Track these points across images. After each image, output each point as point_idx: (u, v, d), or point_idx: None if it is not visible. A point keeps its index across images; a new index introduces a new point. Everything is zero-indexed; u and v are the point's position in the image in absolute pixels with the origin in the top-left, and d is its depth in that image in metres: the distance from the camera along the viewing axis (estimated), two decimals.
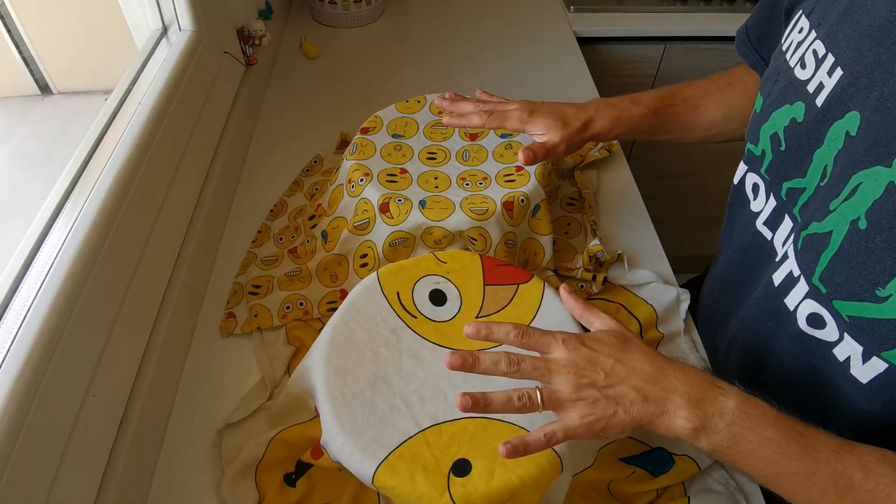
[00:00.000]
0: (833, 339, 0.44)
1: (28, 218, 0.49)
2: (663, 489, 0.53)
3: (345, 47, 1.12)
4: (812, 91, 0.45)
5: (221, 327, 0.64)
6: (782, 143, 0.49)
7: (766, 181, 0.52)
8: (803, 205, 0.47)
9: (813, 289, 0.44)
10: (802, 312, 0.46)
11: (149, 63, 0.69)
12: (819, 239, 0.43)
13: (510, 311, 0.53)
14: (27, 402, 0.38)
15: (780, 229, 0.50)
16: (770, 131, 0.50)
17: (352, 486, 0.49)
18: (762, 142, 0.52)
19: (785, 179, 0.49)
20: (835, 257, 0.41)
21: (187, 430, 0.56)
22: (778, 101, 0.49)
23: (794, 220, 0.48)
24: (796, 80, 0.48)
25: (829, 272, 0.42)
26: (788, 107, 0.48)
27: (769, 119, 0.50)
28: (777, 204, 0.51)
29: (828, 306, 0.43)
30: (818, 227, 0.43)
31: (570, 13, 1.22)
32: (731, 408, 0.39)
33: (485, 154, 0.72)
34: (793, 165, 0.48)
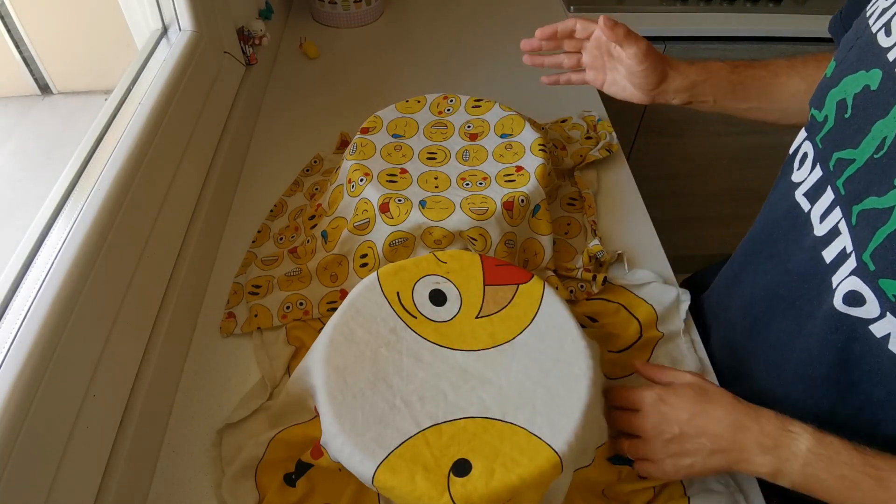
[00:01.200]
0: (872, 317, 0.43)
1: (28, 218, 0.49)
2: (661, 488, 0.53)
3: (345, 47, 1.12)
4: (893, 59, 0.43)
5: (221, 327, 0.64)
6: (848, 109, 0.46)
7: (818, 150, 0.50)
8: (849, 177, 0.45)
9: (861, 265, 0.43)
10: (842, 290, 0.45)
11: (149, 63, 0.69)
12: (877, 214, 0.41)
13: (510, 312, 0.53)
14: (27, 402, 0.38)
15: (821, 201, 0.49)
16: (838, 97, 0.48)
17: (352, 486, 0.49)
18: (826, 107, 0.49)
19: (837, 149, 0.47)
20: (892, 234, 0.40)
21: (187, 430, 0.56)
22: (852, 66, 0.46)
23: (837, 193, 0.46)
24: (877, 46, 0.44)
25: (882, 249, 0.41)
26: (864, 73, 0.45)
27: (839, 84, 0.48)
28: (823, 174, 0.49)
29: (872, 284, 0.42)
30: (877, 203, 0.42)
31: (569, 13, 1.22)
32: (804, 451, 0.43)
33: (485, 154, 0.72)
34: (850, 135, 0.46)
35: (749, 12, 1.24)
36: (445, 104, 0.78)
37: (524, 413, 0.46)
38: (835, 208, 0.47)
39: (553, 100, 0.98)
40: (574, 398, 0.47)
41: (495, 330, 0.52)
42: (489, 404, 0.47)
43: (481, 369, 0.49)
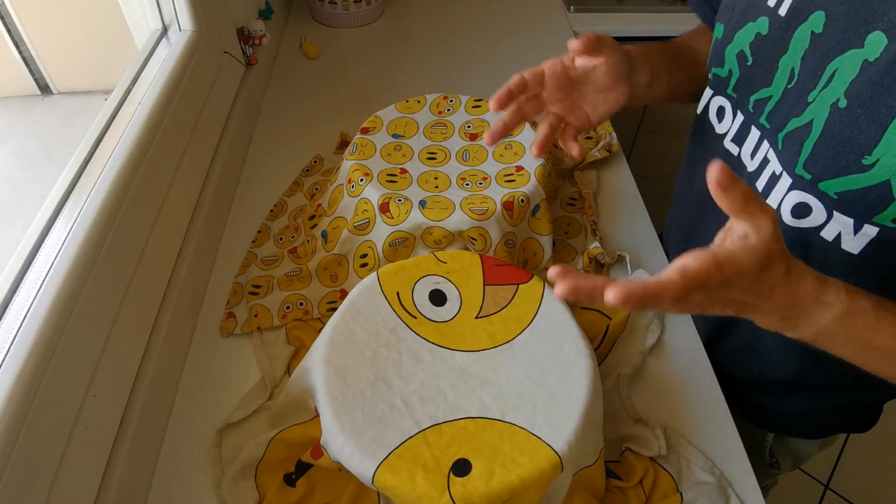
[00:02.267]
0: (820, 223, 0.47)
1: (28, 218, 0.49)
2: (653, 486, 0.53)
3: (345, 47, 1.12)
4: (773, 5, 0.50)
5: (221, 327, 0.64)
6: (748, 58, 0.53)
7: (733, 100, 0.56)
8: (770, 111, 0.51)
9: (797, 179, 0.48)
10: (787, 205, 0.49)
11: (149, 63, 0.69)
12: (800, 131, 0.47)
13: (510, 311, 0.53)
14: (27, 402, 0.38)
15: (747, 142, 0.54)
16: (735, 50, 0.54)
17: (352, 486, 0.49)
18: (728, 62, 0.55)
19: (752, 93, 0.53)
20: (818, 141, 0.45)
21: (187, 430, 0.56)
22: (740, 22, 0.53)
23: (762, 129, 0.52)
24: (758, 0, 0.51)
25: (813, 157, 0.46)
26: (752, 24, 0.52)
27: (733, 40, 0.54)
28: (744, 118, 0.55)
29: (814, 191, 0.46)
30: (797, 122, 0.47)
31: (570, 13, 1.22)
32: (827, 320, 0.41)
33: (485, 154, 0.72)
34: (760, 77, 0.52)
35: None
36: (445, 104, 0.78)
37: (524, 413, 0.46)
38: (763, 142, 0.52)
39: None
40: (574, 398, 0.47)
41: (495, 330, 0.52)
42: (489, 404, 0.47)
43: (481, 369, 0.49)
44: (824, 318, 0.41)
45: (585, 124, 0.63)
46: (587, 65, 0.59)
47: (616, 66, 0.59)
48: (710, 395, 0.61)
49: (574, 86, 0.62)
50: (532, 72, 0.59)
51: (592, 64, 0.59)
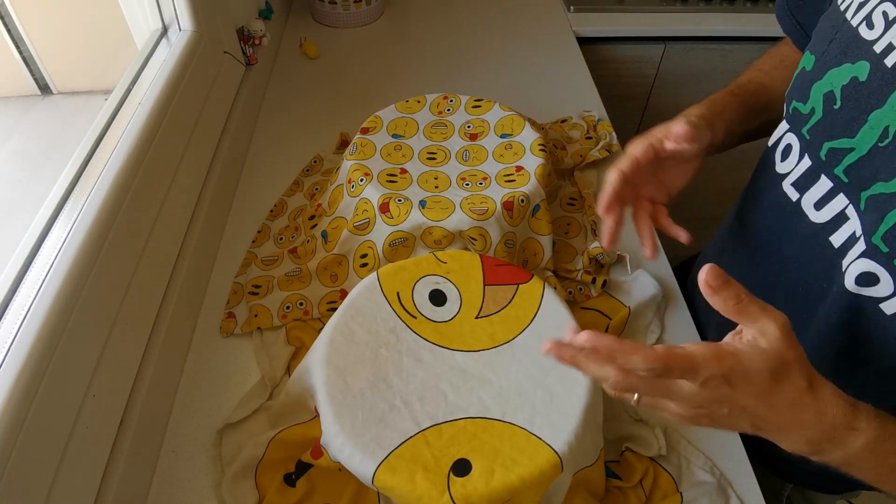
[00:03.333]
0: (885, 295, 0.44)
1: (28, 218, 0.49)
2: (653, 486, 0.53)
3: (345, 47, 1.12)
4: (880, 51, 0.44)
5: (221, 327, 0.64)
6: (837, 101, 0.48)
7: (805, 141, 0.52)
8: (851, 164, 0.47)
9: (871, 247, 0.44)
10: (853, 272, 0.46)
11: (149, 63, 0.69)
12: (886, 198, 0.43)
13: (510, 312, 0.53)
14: (27, 402, 0.38)
15: (813, 190, 0.50)
16: (825, 89, 0.49)
17: (352, 486, 0.49)
18: (812, 100, 0.50)
19: (829, 139, 0.48)
20: None
21: (187, 430, 0.56)
22: (837, 59, 0.48)
23: (836, 181, 0.48)
24: (861, 39, 0.46)
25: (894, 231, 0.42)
26: (850, 65, 0.47)
27: (824, 77, 0.49)
28: (812, 164, 0.50)
29: (887, 266, 0.43)
30: (884, 188, 0.43)
31: (570, 13, 1.22)
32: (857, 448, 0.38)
33: (485, 154, 0.72)
34: (843, 125, 0.47)
35: (749, 12, 1.24)
36: (445, 104, 0.78)
37: (524, 413, 0.46)
38: (837, 195, 0.48)
39: (553, 100, 0.99)
40: (574, 398, 0.47)
41: (495, 330, 0.52)
42: (489, 404, 0.47)
43: (481, 369, 0.49)
44: (854, 446, 0.38)
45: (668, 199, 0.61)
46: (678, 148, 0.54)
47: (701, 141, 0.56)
48: None
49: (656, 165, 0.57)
50: (629, 164, 0.54)
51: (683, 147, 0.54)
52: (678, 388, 0.37)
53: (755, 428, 0.39)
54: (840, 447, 0.39)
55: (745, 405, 0.37)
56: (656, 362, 0.35)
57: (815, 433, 0.39)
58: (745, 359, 0.37)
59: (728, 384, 0.37)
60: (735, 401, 0.37)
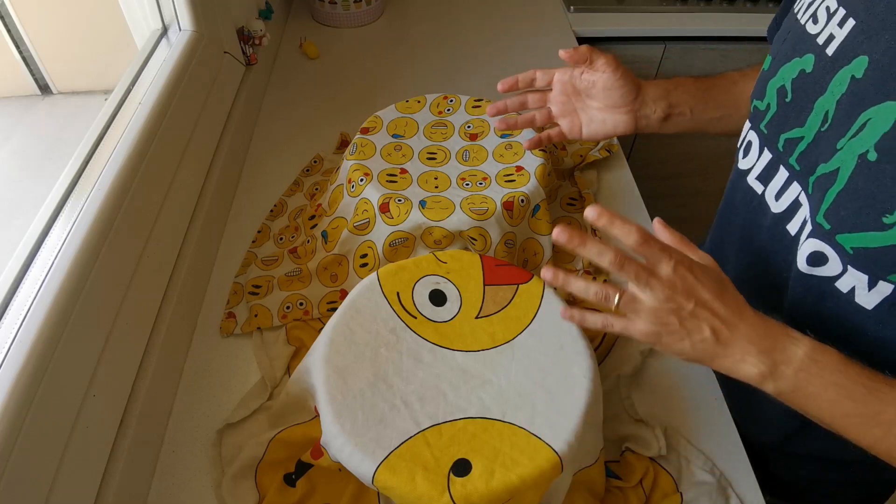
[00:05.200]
0: (835, 273, 0.46)
1: (28, 218, 0.49)
2: (653, 486, 0.53)
3: (345, 47, 1.12)
4: (822, 42, 0.47)
5: (221, 327, 0.64)
6: (788, 94, 0.50)
7: (763, 136, 0.54)
8: (801, 153, 0.49)
9: (816, 227, 0.46)
10: (803, 253, 0.48)
11: (149, 63, 0.69)
12: (826, 178, 0.45)
13: (510, 312, 0.53)
14: (27, 402, 0.38)
15: (774, 181, 0.52)
16: (777, 84, 0.52)
17: (352, 486, 0.49)
18: (768, 96, 0.53)
19: (783, 131, 0.51)
20: (842, 192, 0.43)
21: (187, 430, 0.56)
22: (787, 55, 0.51)
23: (791, 170, 0.50)
24: (806, 34, 0.49)
25: (834, 207, 0.44)
26: (798, 59, 0.49)
27: (777, 73, 0.52)
28: (772, 157, 0.53)
29: (831, 241, 0.45)
30: (824, 168, 0.45)
31: (570, 13, 1.22)
32: (800, 356, 0.41)
33: (485, 154, 0.72)
34: (794, 116, 0.49)
35: (749, 12, 1.24)
36: (445, 104, 0.78)
37: (524, 413, 0.46)
38: (791, 183, 0.50)
39: None
40: (574, 398, 0.47)
41: (495, 330, 0.52)
42: (489, 404, 0.47)
43: (481, 370, 0.49)
44: (797, 354, 0.41)
45: (574, 133, 0.66)
46: (589, 79, 0.61)
47: (613, 87, 0.61)
48: (710, 395, 0.61)
49: (578, 96, 0.64)
50: (543, 70, 0.63)
51: (592, 79, 0.61)
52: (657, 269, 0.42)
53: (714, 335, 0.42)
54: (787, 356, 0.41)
55: (706, 299, 0.42)
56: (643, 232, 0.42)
57: (764, 341, 0.42)
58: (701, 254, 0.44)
59: (691, 272, 0.42)
60: (698, 293, 0.42)
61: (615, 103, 0.62)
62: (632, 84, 0.62)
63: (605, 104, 0.63)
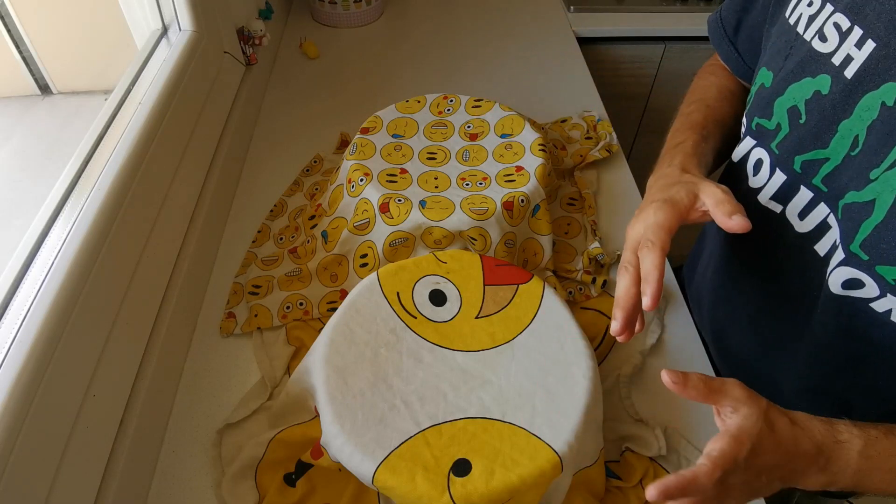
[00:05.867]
0: (873, 296, 0.45)
1: (28, 218, 0.49)
2: None
3: (345, 47, 1.12)
4: (838, 64, 0.46)
5: (221, 327, 0.64)
6: (802, 115, 0.49)
7: (775, 155, 0.52)
8: (828, 174, 0.47)
9: (850, 255, 0.45)
10: (836, 279, 0.47)
11: (149, 63, 0.69)
12: (859, 208, 0.44)
13: (510, 312, 0.53)
14: (27, 402, 0.38)
15: (795, 201, 0.51)
16: (787, 105, 0.50)
17: (352, 486, 0.49)
18: (777, 115, 0.51)
19: (800, 152, 0.49)
20: (881, 225, 0.42)
21: (187, 430, 0.56)
22: (795, 74, 0.49)
23: (816, 191, 0.49)
24: (816, 53, 0.48)
25: (872, 240, 0.43)
26: (810, 80, 0.48)
27: (785, 92, 0.50)
28: (788, 177, 0.51)
29: (869, 272, 0.44)
30: (857, 197, 0.44)
31: (570, 13, 1.22)
32: (854, 459, 0.42)
33: (485, 154, 0.72)
34: (813, 138, 0.48)
35: None
36: (445, 104, 0.78)
37: (524, 413, 0.46)
38: (818, 204, 0.49)
39: (553, 100, 0.99)
40: (574, 398, 0.47)
41: (495, 330, 0.52)
42: (489, 405, 0.47)
43: (481, 370, 0.49)
44: (851, 457, 0.41)
45: None
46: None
47: None
48: None
49: None
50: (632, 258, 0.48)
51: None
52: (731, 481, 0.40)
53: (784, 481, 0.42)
54: (841, 463, 0.41)
55: (771, 464, 0.41)
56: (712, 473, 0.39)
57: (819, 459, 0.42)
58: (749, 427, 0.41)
59: (756, 455, 0.40)
60: (765, 465, 0.41)
61: None
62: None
63: None
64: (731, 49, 0.64)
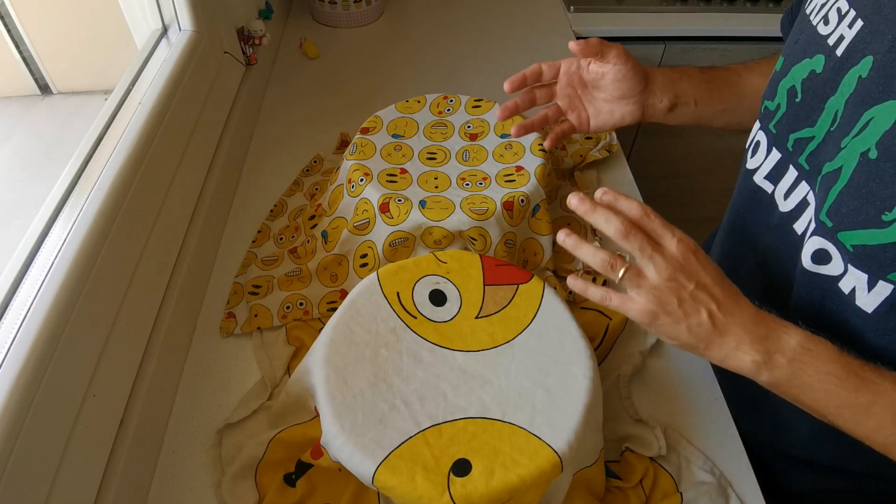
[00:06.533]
0: (838, 273, 0.45)
1: (28, 218, 0.49)
2: (653, 486, 0.53)
3: (345, 47, 1.12)
4: (832, 43, 0.47)
5: (221, 327, 0.64)
6: (798, 94, 0.50)
7: (772, 135, 0.54)
8: (811, 153, 0.49)
9: (819, 224, 0.46)
10: (808, 250, 0.48)
11: (149, 63, 0.69)
12: (829, 176, 0.45)
13: (510, 312, 0.53)
14: (27, 402, 0.38)
15: (783, 181, 0.52)
16: (788, 85, 0.52)
17: (352, 486, 0.49)
18: (779, 96, 0.53)
19: (793, 130, 0.50)
20: (844, 189, 0.43)
21: (187, 430, 0.56)
22: (798, 56, 0.51)
23: (800, 169, 0.50)
24: (817, 35, 0.49)
25: (836, 205, 0.44)
26: (808, 60, 0.49)
27: (788, 74, 0.52)
28: (782, 156, 0.52)
29: (833, 239, 0.45)
30: (829, 167, 0.45)
31: (570, 13, 1.22)
32: (794, 345, 0.42)
33: (485, 154, 0.72)
34: (804, 116, 0.49)
35: (749, 12, 1.24)
36: (445, 104, 0.78)
37: (524, 413, 0.46)
38: (800, 183, 0.50)
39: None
40: (574, 398, 0.47)
41: (495, 330, 0.52)
42: (489, 404, 0.47)
43: (481, 370, 0.49)
44: (791, 343, 0.42)
45: (583, 126, 0.66)
46: (598, 70, 0.61)
47: (623, 79, 0.61)
48: (710, 395, 0.61)
49: (585, 88, 0.64)
50: (549, 63, 0.62)
51: (601, 71, 0.60)
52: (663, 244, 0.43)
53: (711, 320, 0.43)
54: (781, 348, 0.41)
55: (706, 283, 0.42)
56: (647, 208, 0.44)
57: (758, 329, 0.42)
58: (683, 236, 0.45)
59: (694, 254, 0.43)
60: (700, 275, 0.43)
61: (623, 94, 0.62)
62: (641, 74, 0.61)
63: (614, 95, 0.63)
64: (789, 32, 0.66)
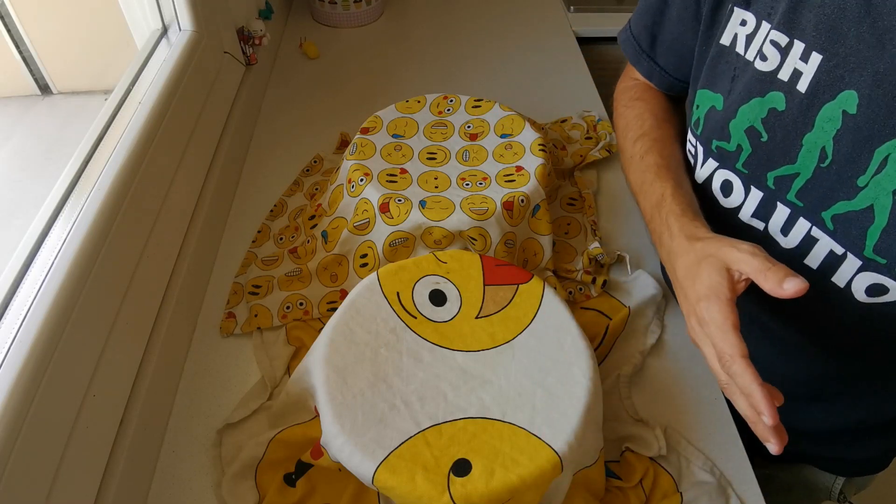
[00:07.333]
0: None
1: (28, 218, 0.49)
2: (653, 486, 0.53)
3: (345, 47, 1.12)
4: (786, 79, 0.46)
5: (221, 327, 0.64)
6: (763, 134, 0.49)
7: (744, 175, 0.52)
8: (801, 189, 0.48)
9: (867, 262, 0.45)
10: (859, 286, 0.47)
11: (149, 63, 0.69)
12: (857, 215, 0.44)
13: (510, 312, 0.53)
14: (27, 402, 0.38)
15: (775, 218, 0.51)
16: (743, 126, 0.51)
17: (352, 486, 0.49)
18: (735, 138, 0.52)
19: (770, 169, 0.50)
20: (887, 228, 0.43)
21: (187, 430, 0.56)
22: (743, 96, 0.50)
23: (793, 206, 0.49)
24: (760, 73, 0.48)
25: (883, 244, 0.43)
26: (759, 99, 0.48)
27: (737, 115, 0.51)
28: (764, 194, 0.51)
29: (891, 273, 0.44)
30: (850, 206, 0.45)
31: (570, 13, 1.22)
32: None
33: (485, 154, 0.72)
34: (780, 154, 0.49)
35: None
36: (445, 104, 0.78)
37: (524, 413, 0.46)
38: (797, 219, 0.49)
39: (553, 100, 0.99)
40: (574, 398, 0.47)
41: (495, 330, 0.52)
42: (489, 404, 0.47)
43: (481, 370, 0.49)
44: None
45: None
46: None
47: None
48: (710, 395, 0.61)
49: None
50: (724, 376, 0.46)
51: None
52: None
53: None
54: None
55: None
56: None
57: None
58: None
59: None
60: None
61: None
62: None
63: None
64: (651, 64, 0.64)
